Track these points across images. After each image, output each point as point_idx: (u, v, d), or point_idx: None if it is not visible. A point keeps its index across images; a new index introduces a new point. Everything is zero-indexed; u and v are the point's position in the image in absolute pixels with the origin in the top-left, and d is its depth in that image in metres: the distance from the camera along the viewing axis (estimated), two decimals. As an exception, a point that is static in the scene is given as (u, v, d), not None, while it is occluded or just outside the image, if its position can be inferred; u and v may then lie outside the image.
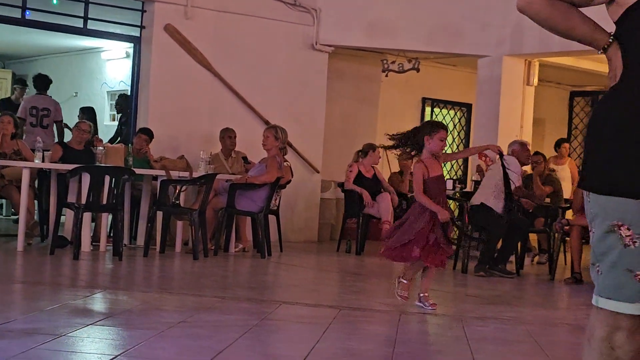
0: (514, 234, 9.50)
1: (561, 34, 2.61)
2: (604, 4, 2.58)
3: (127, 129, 12.11)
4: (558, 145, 12.99)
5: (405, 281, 6.66)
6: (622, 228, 2.46)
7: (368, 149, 11.27)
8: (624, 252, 2.47)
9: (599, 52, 2.56)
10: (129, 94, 12.23)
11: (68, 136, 11.25)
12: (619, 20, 2.52)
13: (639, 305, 2.47)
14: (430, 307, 6.56)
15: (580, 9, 2.56)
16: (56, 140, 11.80)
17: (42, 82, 12.29)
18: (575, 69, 13.32)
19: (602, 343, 2.51)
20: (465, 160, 14.50)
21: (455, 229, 9.89)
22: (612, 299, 2.49)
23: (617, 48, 2.51)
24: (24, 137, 11.05)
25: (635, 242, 2.45)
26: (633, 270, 2.47)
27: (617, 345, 2.49)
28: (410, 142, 6.60)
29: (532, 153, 10.79)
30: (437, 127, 6.65)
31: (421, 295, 6.68)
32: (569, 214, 10.65)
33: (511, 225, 9.56)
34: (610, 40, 2.52)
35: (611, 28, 2.58)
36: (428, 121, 6.98)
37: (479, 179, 10.87)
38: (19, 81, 13.81)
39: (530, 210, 10.68)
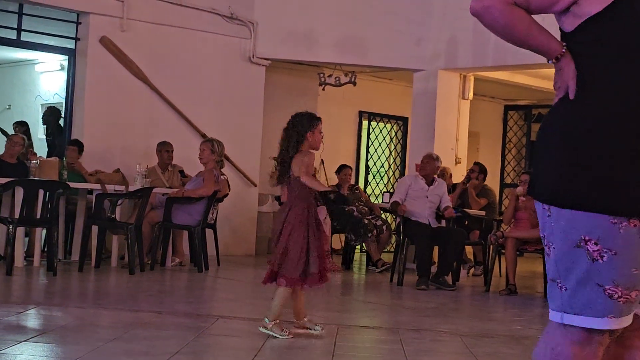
0: (450, 246, 9.60)
1: (517, 41, 2.52)
2: (552, 14, 2.53)
3: (53, 141, 11.98)
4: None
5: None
6: (589, 243, 2.41)
7: None
8: (593, 268, 2.41)
9: (550, 61, 2.51)
10: (60, 107, 12.10)
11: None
12: (574, 30, 2.47)
13: (610, 320, 2.43)
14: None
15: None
16: None
17: None
18: (510, 83, 13.52)
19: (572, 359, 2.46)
20: (402, 173, 14.59)
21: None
22: (582, 315, 2.44)
23: (571, 59, 2.47)
24: None
25: (603, 256, 2.40)
26: (602, 285, 2.41)
27: None
28: (290, 148, 5.79)
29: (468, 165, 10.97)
30: (316, 119, 5.88)
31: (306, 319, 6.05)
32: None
33: (447, 237, 9.68)
34: (564, 50, 2.47)
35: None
36: (296, 115, 5.89)
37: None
38: None
39: (467, 223, 10.83)
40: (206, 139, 10.54)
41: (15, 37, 10.98)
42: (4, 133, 11.94)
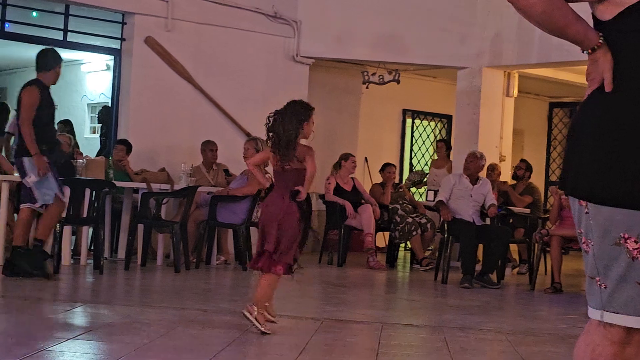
0: (495, 244, 9.55)
1: (554, 29, 2.41)
2: (587, 2, 2.44)
3: (107, 142, 12.08)
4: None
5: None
6: (629, 241, 2.34)
7: (341, 160, 11.34)
8: (633, 265, 2.35)
9: (585, 51, 2.41)
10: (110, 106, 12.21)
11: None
12: (612, 19, 2.38)
13: None
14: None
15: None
16: None
17: None
18: (554, 80, 13.42)
19: (612, 359, 2.40)
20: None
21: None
22: (621, 314, 2.38)
23: (607, 50, 2.38)
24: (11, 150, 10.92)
25: None
26: None
27: None
28: (282, 128, 5.81)
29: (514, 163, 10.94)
30: (310, 109, 5.96)
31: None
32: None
33: (492, 235, 9.64)
34: (601, 41, 2.38)
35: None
36: (293, 102, 5.96)
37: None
38: None
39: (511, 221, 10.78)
40: (250, 137, 10.58)
41: (61, 38, 11.10)
42: (9, 134, 12.09)
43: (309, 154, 5.83)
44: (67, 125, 13.19)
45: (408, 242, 11.72)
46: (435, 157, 13.59)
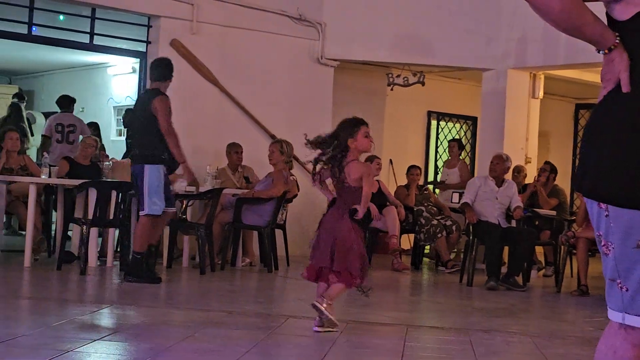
0: (521, 246, 9.51)
1: (571, 28, 2.39)
2: (603, 2, 2.43)
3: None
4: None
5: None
6: None
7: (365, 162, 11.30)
8: None
9: (601, 52, 2.39)
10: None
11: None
12: (629, 19, 2.36)
13: None
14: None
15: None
16: None
17: (67, 101, 12.59)
18: (580, 81, 13.34)
19: None
20: (472, 173, 14.51)
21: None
22: None
23: (624, 50, 2.36)
24: (49, 153, 10.99)
25: None
26: None
27: None
28: (333, 147, 5.89)
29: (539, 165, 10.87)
30: (357, 124, 6.01)
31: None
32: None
33: (517, 237, 9.60)
34: (617, 41, 2.36)
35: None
36: (344, 121, 6.08)
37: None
38: (16, 95, 14.02)
39: (537, 223, 10.73)
40: (275, 140, 10.60)
41: (88, 41, 11.17)
42: (46, 137, 12.27)
43: (365, 174, 5.90)
44: (94, 127, 13.30)
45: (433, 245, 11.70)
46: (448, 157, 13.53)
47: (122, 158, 11.47)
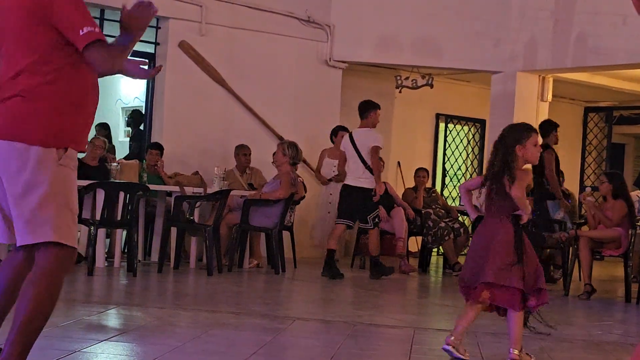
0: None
1: None
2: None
3: (137, 144, 12.17)
4: (334, 133, 11.75)
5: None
6: None
7: None
8: None
9: None
10: (142, 110, 12.29)
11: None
12: None
13: None
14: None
15: None
16: None
17: None
18: (589, 84, 13.31)
19: None
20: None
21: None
22: None
23: None
24: None
25: None
26: None
27: None
28: (505, 165, 5.36)
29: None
30: (528, 131, 5.33)
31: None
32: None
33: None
34: None
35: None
36: (511, 126, 5.46)
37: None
38: None
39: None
40: (282, 141, 10.60)
41: (96, 42, 11.17)
42: None
43: (518, 178, 5.29)
44: (105, 128, 13.31)
45: (441, 247, 11.68)
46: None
47: (126, 159, 11.47)
